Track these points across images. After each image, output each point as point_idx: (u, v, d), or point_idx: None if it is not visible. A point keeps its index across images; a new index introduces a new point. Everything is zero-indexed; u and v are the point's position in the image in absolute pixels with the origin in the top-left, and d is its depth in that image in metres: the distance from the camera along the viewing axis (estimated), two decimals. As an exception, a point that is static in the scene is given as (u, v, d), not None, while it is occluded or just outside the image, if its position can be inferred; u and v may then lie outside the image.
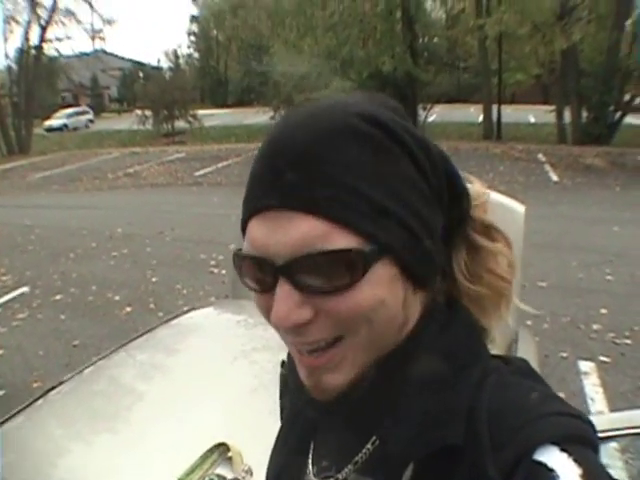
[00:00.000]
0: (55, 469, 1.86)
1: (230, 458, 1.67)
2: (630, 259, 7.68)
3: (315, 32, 24.53)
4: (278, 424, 0.92)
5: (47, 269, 8.75)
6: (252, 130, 28.22)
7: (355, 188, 0.61)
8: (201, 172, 18.66)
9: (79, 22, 33.42)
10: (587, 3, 20.86)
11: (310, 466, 0.78)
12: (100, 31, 36.63)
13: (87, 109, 47.42)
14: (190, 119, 30.90)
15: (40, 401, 2.20)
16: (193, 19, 66.57)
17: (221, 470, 1.65)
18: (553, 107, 22.41)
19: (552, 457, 0.56)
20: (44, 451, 1.96)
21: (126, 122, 34.00)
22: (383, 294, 0.63)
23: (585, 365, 4.97)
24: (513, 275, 0.73)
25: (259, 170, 0.65)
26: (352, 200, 0.61)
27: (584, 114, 20.85)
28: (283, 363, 0.87)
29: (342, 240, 0.60)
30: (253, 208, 0.64)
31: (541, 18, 19.51)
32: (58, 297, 7.53)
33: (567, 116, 21.20)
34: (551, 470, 0.55)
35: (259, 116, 29.85)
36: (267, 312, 0.65)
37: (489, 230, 0.74)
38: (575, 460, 0.56)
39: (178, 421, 1.91)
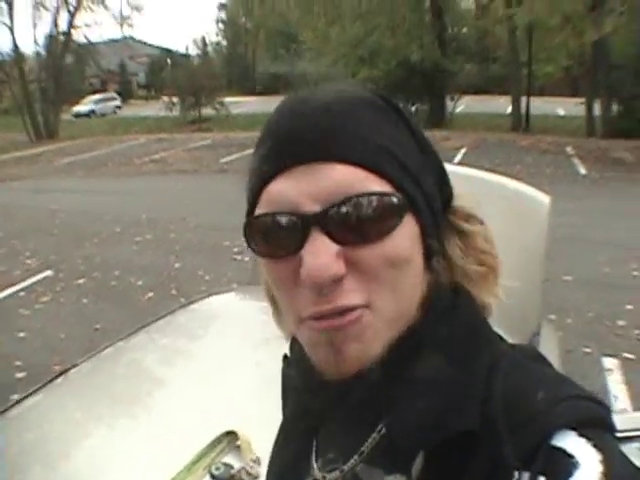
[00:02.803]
0: (69, 448, 1.86)
1: (238, 447, 1.65)
2: (658, 255, 7.53)
3: (343, 20, 24.44)
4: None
5: (71, 253, 8.83)
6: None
7: (381, 144, 0.63)
8: (227, 159, 18.67)
9: (107, 8, 33.78)
10: (620, -6, 20.53)
11: (314, 461, 0.75)
12: (128, 18, 36.93)
13: (115, 95, 47.68)
14: (217, 106, 31.01)
15: (59, 380, 2.20)
16: (222, 7, 67.16)
17: (229, 459, 1.62)
18: (583, 100, 22.11)
19: (571, 442, 0.54)
20: (61, 430, 1.96)
21: (153, 109, 34.20)
22: (411, 250, 0.63)
23: (609, 362, 4.89)
24: (495, 248, 0.73)
25: (279, 131, 0.64)
26: (382, 153, 0.62)
27: (614, 107, 20.58)
28: (285, 357, 0.84)
29: (379, 186, 0.61)
30: (279, 167, 0.62)
31: (572, 9, 19.20)
32: (81, 281, 7.59)
33: (597, 109, 20.91)
34: (571, 456, 0.53)
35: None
36: (287, 279, 0.63)
37: (471, 217, 0.73)
38: (595, 445, 0.54)
39: (191, 406, 1.90)
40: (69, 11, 31.53)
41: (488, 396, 0.60)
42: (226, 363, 2.20)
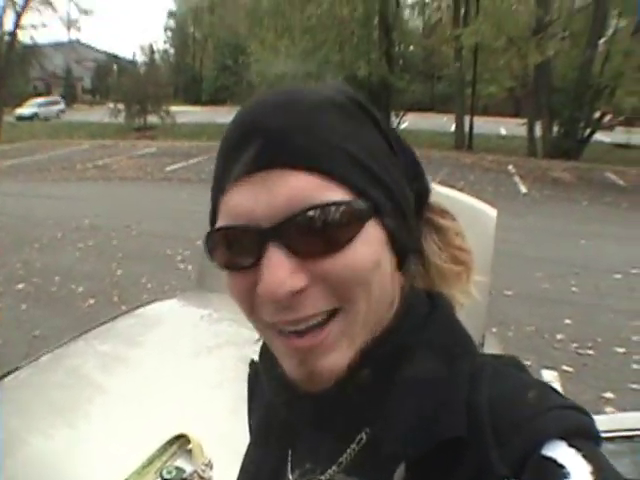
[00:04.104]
0: (5, 458, 1.80)
1: (190, 450, 1.62)
2: (595, 271, 7.79)
3: (292, 33, 24.57)
4: (239, 418, 0.86)
5: (10, 258, 8.59)
6: (224, 129, 27.90)
7: (341, 146, 0.60)
8: (171, 168, 18.48)
9: (55, 10, 32.91)
10: (562, 20, 21.24)
11: (289, 472, 0.73)
12: (76, 21, 36.25)
13: (59, 99, 46.67)
14: (163, 115, 30.65)
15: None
16: (171, 15, 66.67)
17: (180, 462, 1.59)
18: (524, 120, 22.69)
19: (561, 453, 0.54)
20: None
21: (98, 114, 33.68)
22: (378, 255, 0.60)
23: (548, 374, 4.99)
24: (467, 244, 0.74)
25: (236, 140, 0.62)
26: (340, 157, 0.59)
27: (555, 129, 21.19)
28: (252, 363, 0.82)
29: (337, 194, 0.58)
30: (234, 177, 0.60)
31: (517, 32, 19.83)
32: (20, 286, 7.39)
33: (538, 130, 21.50)
34: (561, 466, 0.53)
35: (231, 115, 29.60)
36: (248, 291, 0.61)
37: (445, 212, 0.74)
38: (584, 456, 0.54)
39: (138, 412, 1.86)
40: (16, 11, 30.61)
41: (473, 402, 0.59)
42: (169, 369, 2.16)
